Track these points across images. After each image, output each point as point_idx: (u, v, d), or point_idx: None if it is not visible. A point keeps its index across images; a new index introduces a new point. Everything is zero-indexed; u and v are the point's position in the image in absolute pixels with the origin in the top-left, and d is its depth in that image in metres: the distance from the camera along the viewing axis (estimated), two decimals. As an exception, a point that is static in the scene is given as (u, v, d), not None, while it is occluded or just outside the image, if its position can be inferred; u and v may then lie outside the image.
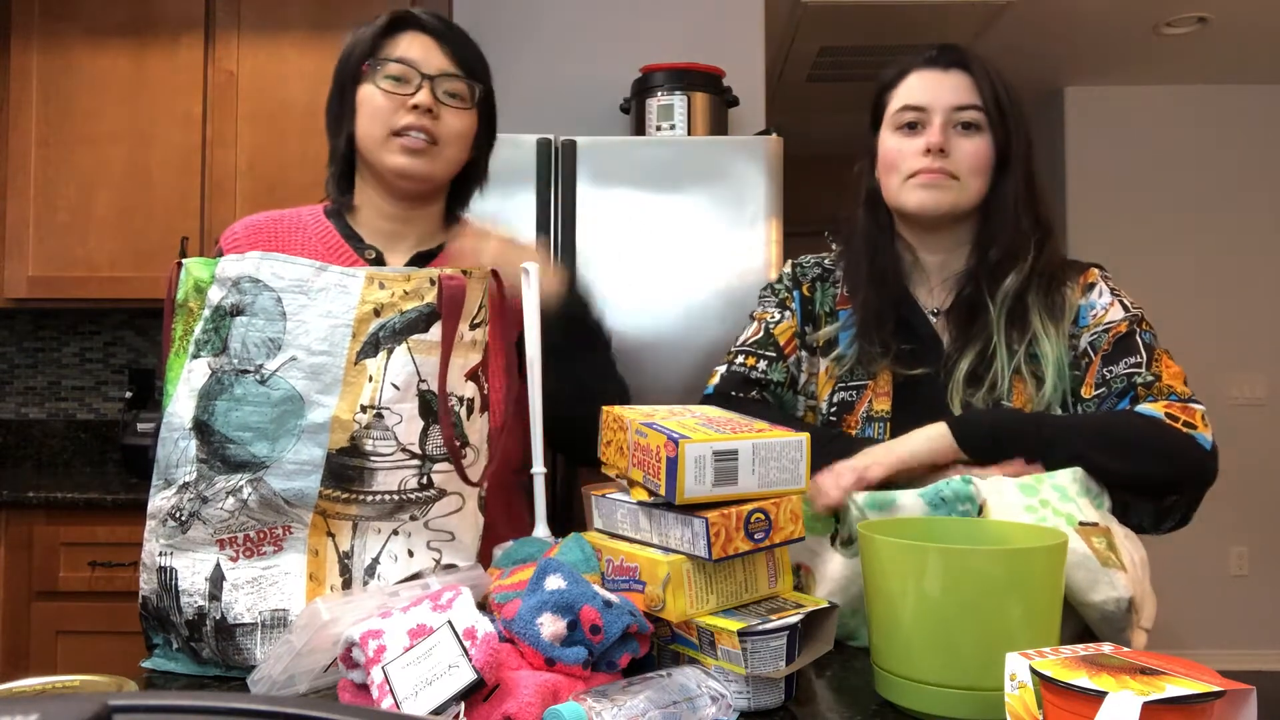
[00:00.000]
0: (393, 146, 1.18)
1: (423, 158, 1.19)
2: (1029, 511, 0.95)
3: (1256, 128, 4.49)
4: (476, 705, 0.71)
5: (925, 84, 1.19)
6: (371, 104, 1.19)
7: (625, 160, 2.39)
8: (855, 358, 1.24)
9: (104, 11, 2.68)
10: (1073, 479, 0.99)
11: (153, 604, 0.92)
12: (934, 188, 1.17)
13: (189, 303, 0.94)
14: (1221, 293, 4.46)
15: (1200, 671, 0.64)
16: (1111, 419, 1.10)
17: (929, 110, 1.18)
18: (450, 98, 1.20)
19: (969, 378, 1.18)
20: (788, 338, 1.30)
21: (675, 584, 0.81)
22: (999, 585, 0.76)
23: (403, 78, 1.19)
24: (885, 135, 1.23)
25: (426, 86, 1.18)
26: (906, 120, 1.19)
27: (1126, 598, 0.90)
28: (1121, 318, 1.17)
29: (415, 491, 0.92)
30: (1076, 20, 3.74)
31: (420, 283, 0.93)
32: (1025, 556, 0.77)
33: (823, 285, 1.31)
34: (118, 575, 2.32)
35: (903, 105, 1.20)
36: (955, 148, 1.17)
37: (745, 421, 0.91)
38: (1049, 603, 0.79)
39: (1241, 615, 4.35)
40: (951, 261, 1.25)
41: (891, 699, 0.81)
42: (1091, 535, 0.92)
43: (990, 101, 1.16)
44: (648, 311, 2.38)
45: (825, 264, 1.34)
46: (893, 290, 1.24)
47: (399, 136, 1.18)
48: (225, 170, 2.67)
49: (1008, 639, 0.74)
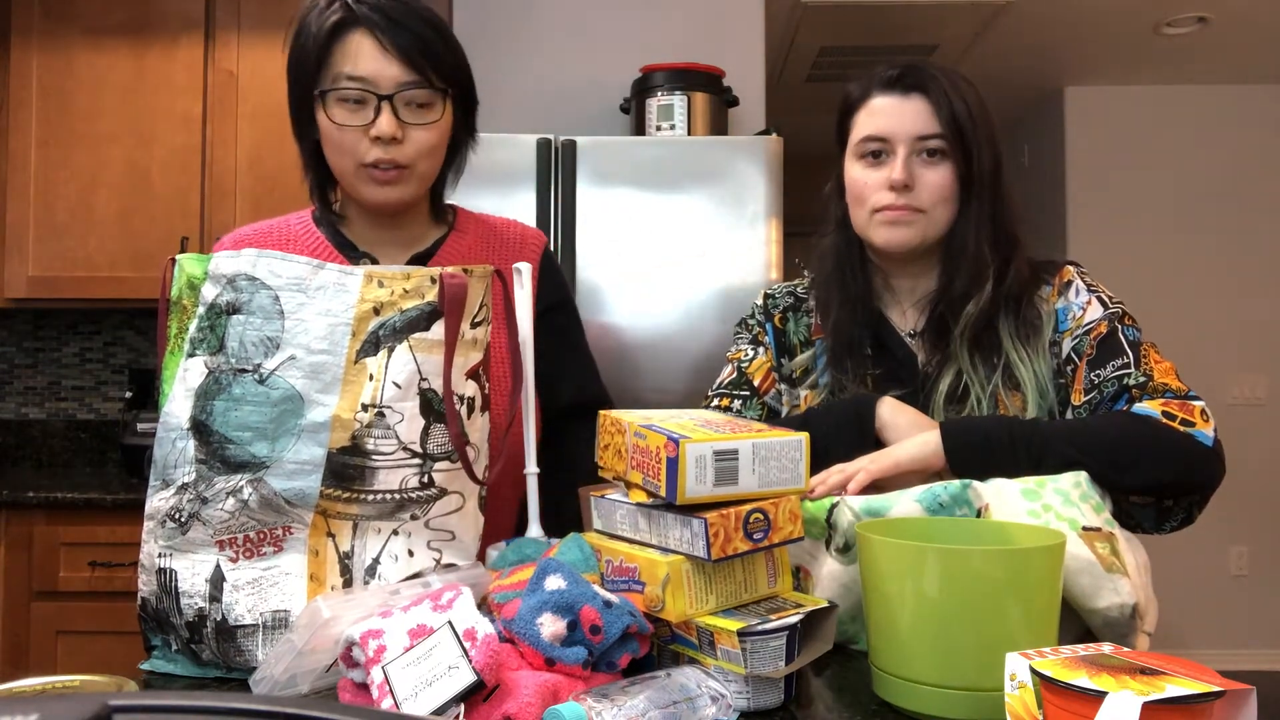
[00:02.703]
0: (363, 178, 1.13)
1: (395, 186, 1.14)
2: (1031, 516, 0.95)
3: (1256, 128, 4.49)
4: (476, 705, 0.71)
5: (887, 112, 1.17)
6: (332, 139, 1.12)
7: (625, 160, 2.39)
8: (830, 386, 1.24)
9: (104, 11, 2.68)
10: (1075, 483, 0.99)
11: (152, 605, 0.92)
12: (900, 225, 1.17)
13: (183, 300, 0.94)
14: (1221, 293, 4.46)
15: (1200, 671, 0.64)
16: (1105, 423, 1.07)
17: (891, 141, 1.17)
18: (414, 111, 1.11)
19: (949, 396, 1.18)
20: (763, 374, 1.30)
21: (674, 584, 0.81)
22: (997, 586, 0.76)
23: (360, 100, 1.10)
24: (850, 164, 1.22)
25: (386, 109, 1.09)
26: (870, 149, 1.19)
27: (1130, 604, 0.89)
28: (1101, 316, 1.16)
29: (416, 491, 0.92)
30: (1076, 20, 3.74)
31: (420, 281, 0.93)
32: (1024, 557, 0.77)
33: (795, 315, 1.31)
34: (118, 575, 2.33)
35: (865, 136, 1.19)
36: (919, 179, 1.16)
37: (744, 422, 0.91)
38: (1047, 603, 0.78)
39: (1241, 615, 4.35)
40: (922, 285, 1.24)
41: (889, 699, 0.81)
42: (1095, 541, 0.92)
43: (950, 127, 1.15)
44: (648, 311, 2.38)
45: (798, 292, 1.33)
46: (865, 314, 1.24)
47: (368, 167, 1.12)
48: (225, 170, 2.67)
49: (1006, 640, 0.74)
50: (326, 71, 1.10)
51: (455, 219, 1.29)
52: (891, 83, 1.18)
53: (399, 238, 1.24)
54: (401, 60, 1.09)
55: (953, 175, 1.16)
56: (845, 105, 1.24)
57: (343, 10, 1.09)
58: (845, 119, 1.24)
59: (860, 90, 1.22)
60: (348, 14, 1.09)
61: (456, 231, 1.28)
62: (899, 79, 1.18)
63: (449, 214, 1.30)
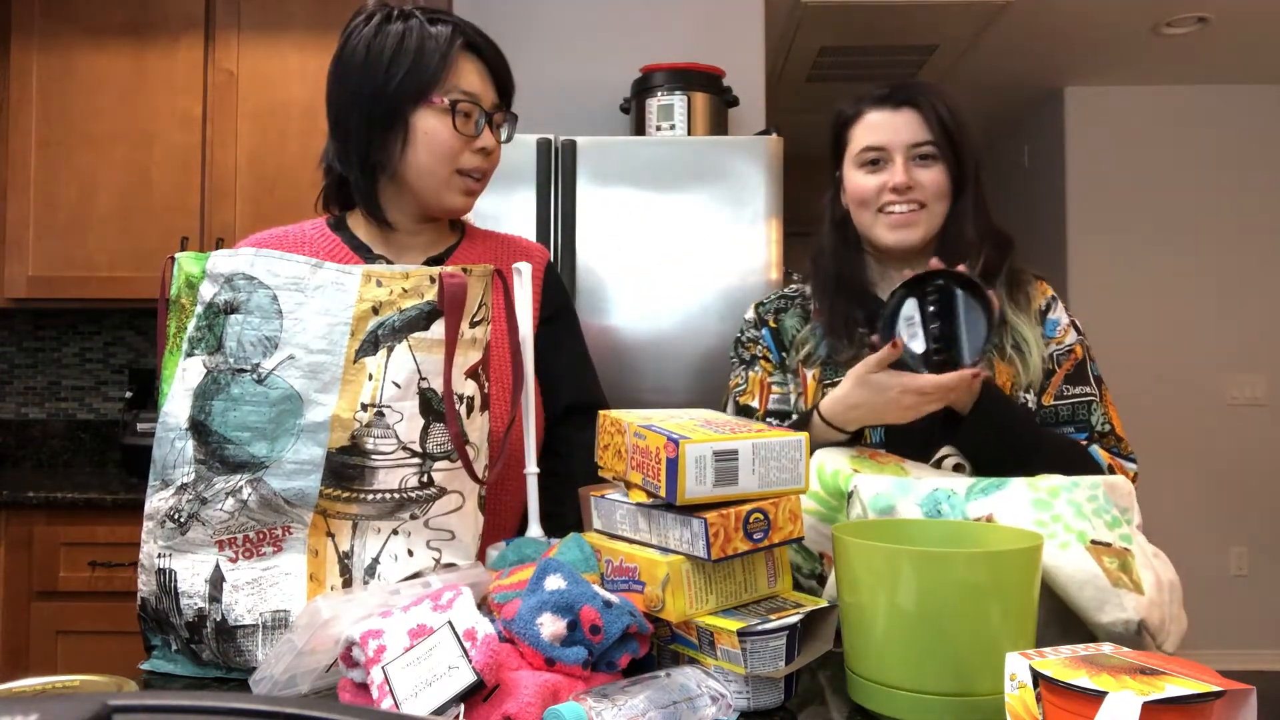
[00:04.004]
0: (455, 186, 1.20)
1: (475, 197, 1.23)
2: (1039, 526, 0.94)
3: (1256, 128, 4.49)
4: (476, 705, 0.71)
5: (882, 124, 1.30)
6: (438, 139, 1.17)
7: (625, 160, 2.39)
8: (827, 354, 1.32)
9: (104, 11, 2.68)
10: (1090, 496, 0.98)
11: (151, 606, 0.92)
12: (906, 226, 1.29)
13: (181, 299, 0.94)
14: (1221, 293, 4.45)
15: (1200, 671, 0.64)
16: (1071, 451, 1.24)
17: (889, 149, 1.29)
18: (495, 130, 1.22)
19: None
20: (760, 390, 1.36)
21: (674, 584, 0.81)
22: (973, 589, 0.75)
23: (468, 114, 1.18)
24: (850, 171, 1.33)
25: (488, 127, 1.20)
26: (869, 158, 1.30)
27: (1136, 620, 0.89)
28: (1076, 341, 1.31)
29: (415, 490, 0.92)
30: (1076, 20, 3.74)
31: (419, 280, 0.93)
32: (1000, 559, 0.76)
33: (787, 312, 1.41)
34: (118, 575, 2.33)
35: (864, 146, 1.31)
36: (917, 180, 1.28)
37: (744, 422, 0.91)
38: (1024, 606, 0.77)
39: (1241, 615, 4.35)
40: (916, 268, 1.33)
41: (864, 704, 0.79)
42: (1104, 555, 0.91)
43: (940, 134, 1.28)
44: (648, 311, 2.38)
45: (787, 293, 1.43)
46: (860, 295, 1.34)
47: (462, 176, 1.20)
48: (225, 170, 2.67)
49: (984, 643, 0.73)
50: (440, 85, 1.17)
51: (465, 230, 1.33)
52: (883, 99, 1.31)
53: (416, 243, 1.26)
54: (495, 85, 1.22)
55: (945, 174, 1.29)
56: (839, 121, 1.36)
57: (460, 34, 1.19)
58: (841, 133, 1.36)
59: (853, 108, 1.35)
60: (465, 37, 1.19)
61: (467, 240, 1.31)
62: (889, 96, 1.31)
63: (459, 226, 1.33)
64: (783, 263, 2.40)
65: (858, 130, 1.32)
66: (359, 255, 1.23)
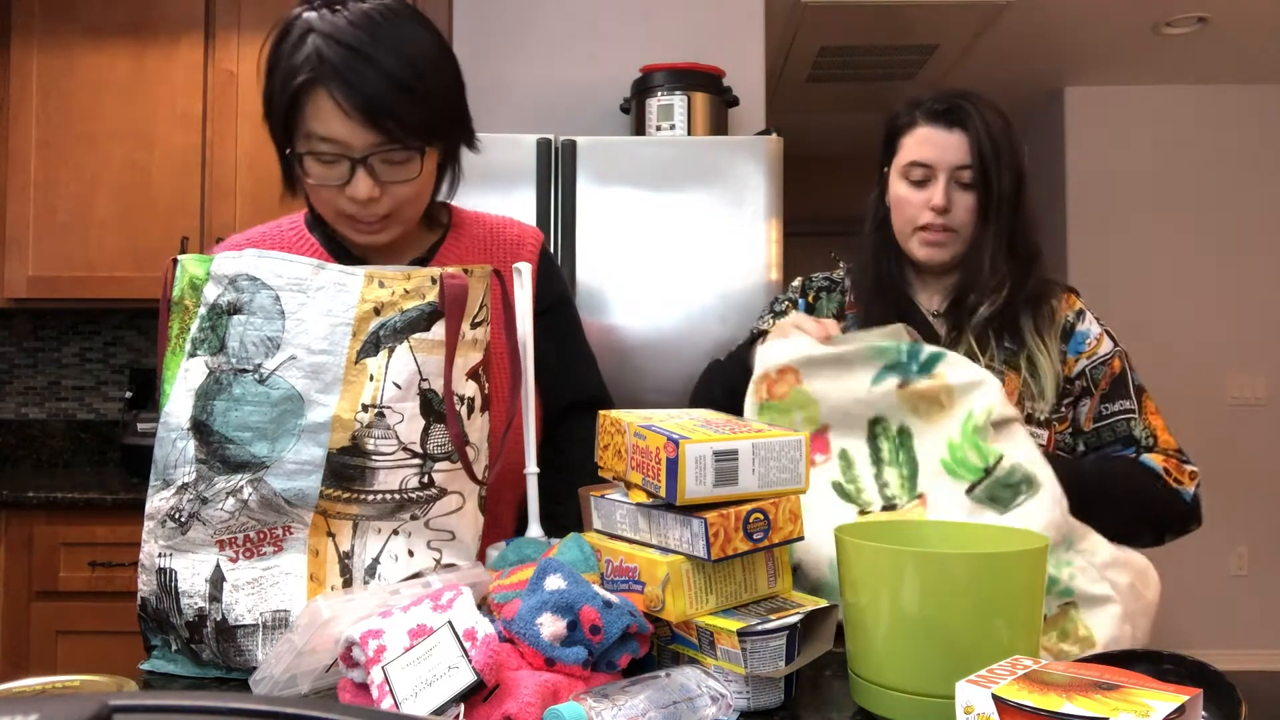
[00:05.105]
0: (345, 225, 1.11)
1: (379, 233, 1.11)
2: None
3: (1256, 128, 4.49)
4: (476, 705, 0.71)
5: (933, 143, 1.33)
6: (312, 188, 1.08)
7: (625, 160, 2.39)
8: None
9: (104, 11, 2.68)
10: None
11: (152, 605, 0.92)
12: (937, 246, 1.33)
13: (184, 300, 0.94)
14: (1221, 293, 4.45)
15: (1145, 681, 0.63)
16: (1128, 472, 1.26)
17: (934, 168, 1.32)
18: (391, 168, 1.05)
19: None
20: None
21: (674, 584, 0.81)
22: (977, 591, 0.74)
23: (334, 159, 1.04)
24: (895, 181, 1.37)
25: (361, 172, 1.03)
26: (916, 176, 1.34)
27: None
28: (1112, 351, 1.32)
29: (416, 491, 0.92)
30: (1076, 20, 3.74)
31: (421, 281, 0.93)
32: (1004, 561, 0.76)
33: (828, 295, 1.45)
34: (118, 575, 2.33)
35: (911, 161, 1.34)
36: (955, 202, 1.31)
37: (744, 422, 0.91)
38: (1028, 608, 0.77)
39: (1241, 615, 4.35)
40: (947, 278, 1.39)
41: (866, 707, 0.79)
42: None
43: (978, 159, 1.30)
44: (648, 311, 2.38)
45: (833, 278, 1.47)
46: (894, 294, 1.38)
47: (352, 220, 1.09)
48: (225, 170, 2.67)
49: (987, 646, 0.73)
50: (299, 128, 1.04)
51: (451, 220, 1.25)
52: (937, 115, 1.33)
53: (393, 245, 1.18)
54: (369, 124, 1.01)
55: (975, 200, 1.32)
56: (892, 127, 1.39)
57: (309, 69, 1.01)
58: (892, 139, 1.39)
59: (908, 116, 1.37)
60: (313, 72, 1.01)
61: (452, 233, 1.24)
62: (944, 114, 1.33)
63: (444, 215, 1.25)
64: (783, 263, 2.40)
65: (909, 141, 1.35)
66: (335, 259, 1.16)
